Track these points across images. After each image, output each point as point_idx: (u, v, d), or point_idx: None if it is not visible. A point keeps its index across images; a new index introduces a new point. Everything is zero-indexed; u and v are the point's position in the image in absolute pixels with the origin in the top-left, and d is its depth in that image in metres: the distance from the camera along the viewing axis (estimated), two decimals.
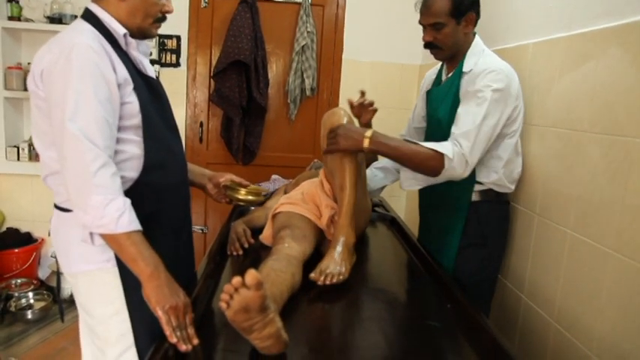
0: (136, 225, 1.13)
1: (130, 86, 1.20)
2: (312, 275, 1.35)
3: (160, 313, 1.08)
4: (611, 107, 1.37)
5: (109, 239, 1.13)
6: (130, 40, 1.26)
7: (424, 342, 1.18)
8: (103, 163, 1.09)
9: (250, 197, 1.58)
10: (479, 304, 1.38)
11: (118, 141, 1.19)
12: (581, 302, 1.47)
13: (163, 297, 1.10)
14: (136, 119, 1.21)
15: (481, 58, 1.63)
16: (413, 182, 1.68)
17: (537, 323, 1.70)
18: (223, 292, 0.94)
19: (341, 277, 1.36)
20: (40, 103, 1.17)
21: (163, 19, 1.31)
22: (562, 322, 1.57)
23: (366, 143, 1.50)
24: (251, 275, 0.91)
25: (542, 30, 1.74)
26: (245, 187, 1.59)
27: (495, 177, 1.67)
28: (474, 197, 1.70)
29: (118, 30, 1.22)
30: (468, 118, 1.54)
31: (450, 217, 1.76)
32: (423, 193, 1.92)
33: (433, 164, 1.53)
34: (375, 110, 1.86)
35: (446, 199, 1.76)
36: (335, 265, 1.39)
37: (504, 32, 2.02)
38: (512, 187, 1.74)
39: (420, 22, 1.69)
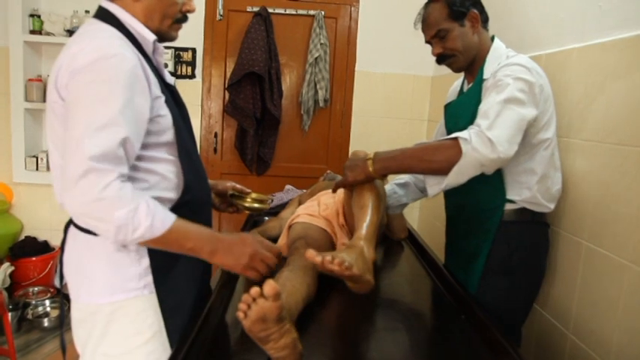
0: (170, 216, 1.05)
1: (162, 99, 1.11)
2: (311, 253, 1.09)
3: (244, 273, 1.08)
4: (625, 118, 1.37)
5: (151, 243, 1.05)
6: (158, 45, 1.15)
7: (439, 354, 1.18)
8: (113, 178, 0.99)
9: (256, 205, 1.59)
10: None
11: (152, 160, 1.10)
12: (597, 314, 1.46)
13: (234, 258, 1.10)
14: (168, 135, 1.13)
15: (504, 63, 1.46)
16: (436, 187, 1.42)
17: (553, 335, 1.68)
18: (241, 302, 0.94)
19: (347, 269, 1.10)
20: (62, 116, 1.06)
21: (184, 19, 1.19)
22: (578, 334, 1.55)
23: (369, 166, 1.40)
24: (270, 286, 0.92)
25: (556, 41, 1.75)
26: (248, 194, 1.58)
27: (528, 194, 1.49)
28: (506, 217, 1.51)
29: (146, 35, 1.12)
30: (487, 102, 1.37)
31: (476, 239, 1.58)
32: (451, 215, 1.79)
33: (448, 153, 1.32)
34: None
35: (473, 221, 1.59)
36: (347, 255, 1.15)
37: (517, 43, 2.02)
38: (552, 205, 1.54)
39: (426, 40, 1.60)
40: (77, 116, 0.99)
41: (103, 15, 1.11)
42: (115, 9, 1.10)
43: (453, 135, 1.34)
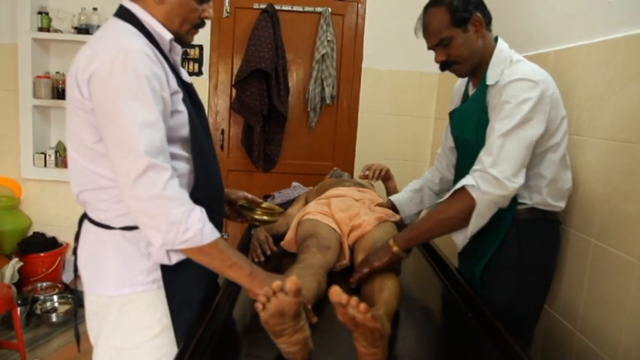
0: (217, 231, 1.10)
1: (180, 95, 1.13)
2: (336, 290, 0.92)
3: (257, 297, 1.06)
4: (633, 115, 1.36)
5: (195, 252, 1.09)
6: (175, 45, 1.18)
7: (446, 352, 1.18)
8: (170, 176, 1.03)
9: (265, 217, 1.59)
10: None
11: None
12: (605, 312, 1.46)
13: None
14: (184, 130, 1.14)
15: (507, 68, 1.42)
16: (462, 238, 1.44)
17: (560, 333, 1.68)
18: (261, 295, 0.95)
19: (373, 320, 0.95)
20: (83, 114, 1.07)
21: (202, 24, 1.22)
22: (586, 332, 1.55)
23: (392, 245, 1.39)
24: (291, 282, 0.93)
25: (564, 38, 1.74)
26: (259, 205, 1.57)
27: (538, 198, 1.46)
28: (518, 216, 1.48)
29: (163, 34, 1.14)
30: (492, 133, 1.35)
31: (487, 239, 1.50)
32: None
33: (462, 205, 1.35)
34: (387, 171, 2.04)
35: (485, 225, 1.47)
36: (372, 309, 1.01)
37: (526, 40, 2.01)
38: (562, 204, 1.51)
39: (429, 47, 1.54)
40: (116, 115, 1.01)
41: (124, 14, 1.14)
42: (135, 9, 1.13)
43: (460, 184, 1.36)
